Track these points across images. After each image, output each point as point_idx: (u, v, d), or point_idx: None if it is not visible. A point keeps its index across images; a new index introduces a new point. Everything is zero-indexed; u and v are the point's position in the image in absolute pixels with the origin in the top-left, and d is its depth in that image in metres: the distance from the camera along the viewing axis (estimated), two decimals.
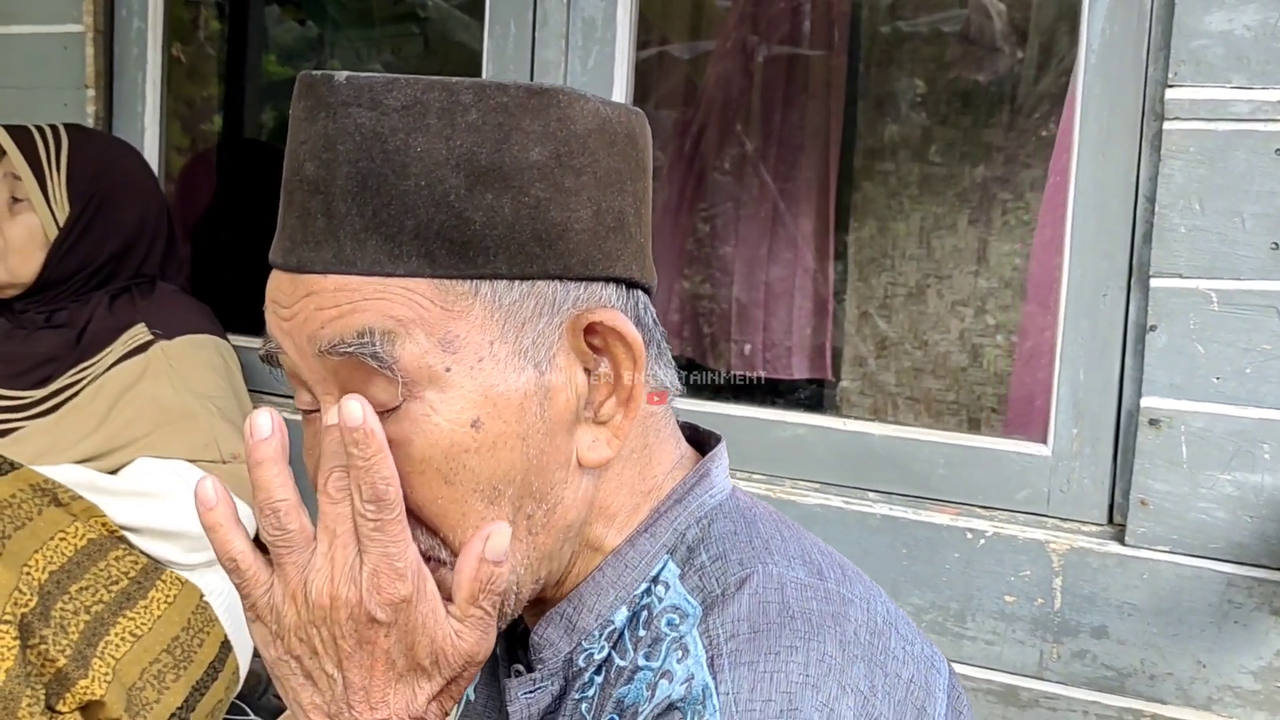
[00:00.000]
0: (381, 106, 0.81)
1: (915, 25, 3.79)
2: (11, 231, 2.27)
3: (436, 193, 0.81)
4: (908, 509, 1.97)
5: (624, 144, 0.87)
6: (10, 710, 1.82)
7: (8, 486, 1.94)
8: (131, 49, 2.59)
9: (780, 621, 0.81)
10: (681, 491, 0.91)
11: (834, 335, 3.61)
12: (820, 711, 0.77)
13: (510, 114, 0.82)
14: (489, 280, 0.82)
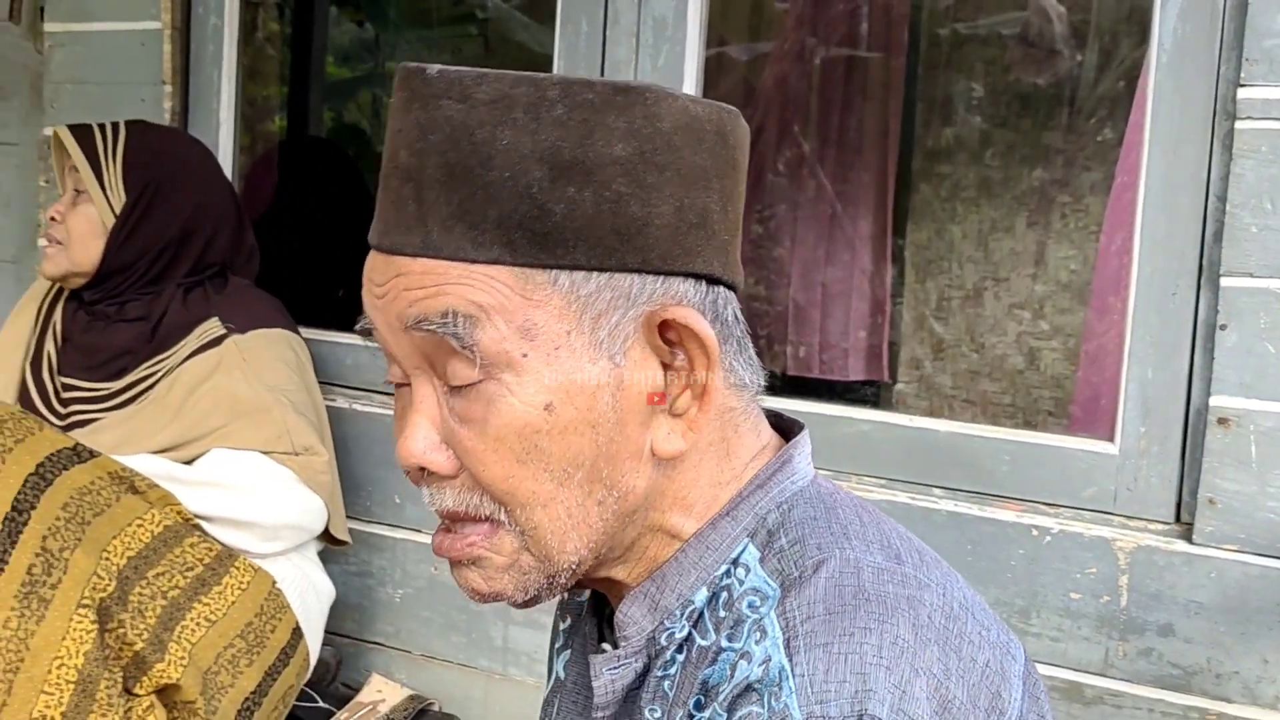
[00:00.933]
0: (471, 100, 0.84)
1: (974, 28, 3.79)
2: (73, 222, 2.32)
3: (520, 184, 0.83)
4: (972, 505, 1.98)
5: (713, 141, 0.89)
6: (89, 692, 1.86)
7: (87, 474, 1.98)
8: (208, 46, 2.63)
9: (855, 604, 0.83)
10: (764, 477, 0.92)
11: (890, 337, 3.62)
12: (893, 692, 0.78)
13: (595, 110, 0.84)
14: (568, 270, 0.84)
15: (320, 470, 2.24)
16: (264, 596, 2.11)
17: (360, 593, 2.49)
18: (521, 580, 0.90)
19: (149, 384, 2.29)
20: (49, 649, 1.85)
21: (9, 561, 1.86)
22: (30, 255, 2.91)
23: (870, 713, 0.78)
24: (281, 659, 2.12)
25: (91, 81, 2.71)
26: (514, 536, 0.88)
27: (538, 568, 0.89)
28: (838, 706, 0.78)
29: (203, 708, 1.99)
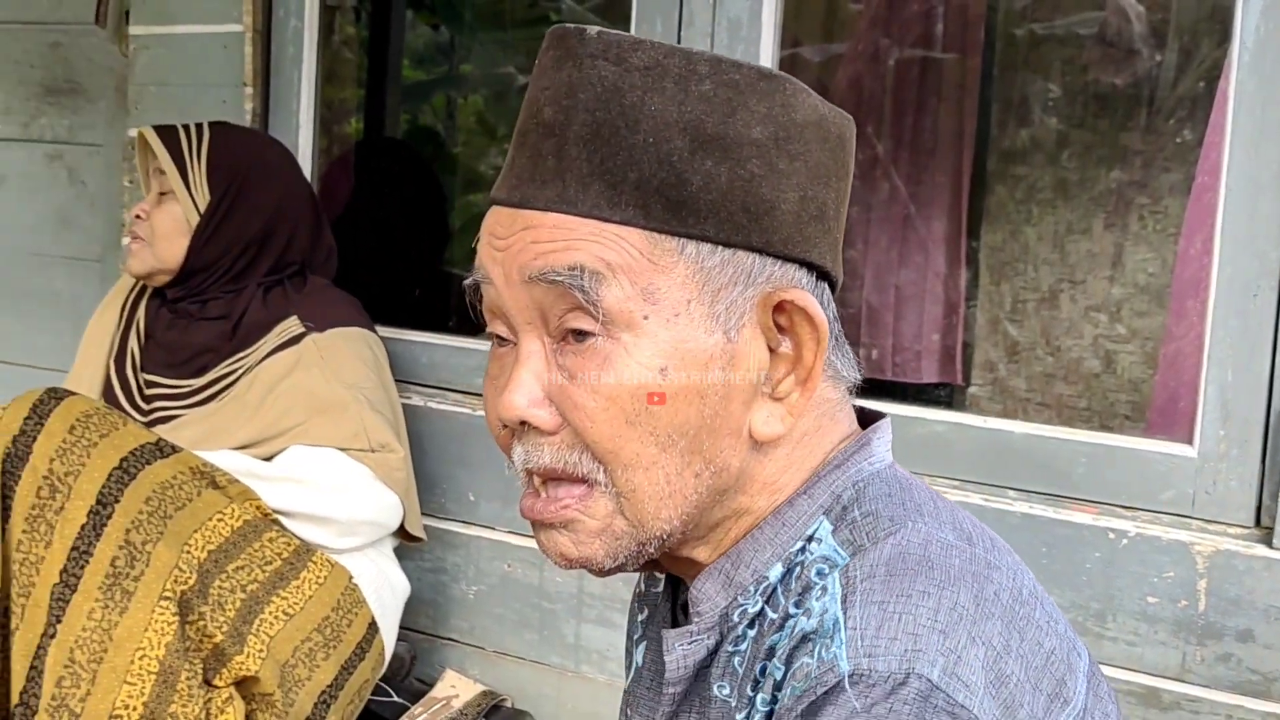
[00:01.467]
0: (626, 63, 0.87)
1: (1051, 28, 3.75)
2: (158, 220, 2.36)
3: (662, 151, 0.86)
4: (1047, 507, 1.96)
5: (835, 143, 0.92)
6: (170, 684, 1.89)
7: (169, 469, 2.01)
8: (288, 48, 2.67)
9: (917, 569, 0.83)
10: (841, 458, 0.93)
11: (964, 339, 3.59)
12: (946, 656, 0.79)
13: (740, 90, 0.87)
14: (695, 241, 0.87)
15: (396, 467, 2.27)
16: (341, 591, 2.14)
17: (434, 589, 2.52)
18: (613, 546, 0.91)
19: (230, 381, 2.32)
20: (131, 640, 1.88)
21: (93, 554, 1.90)
22: (115, 254, 2.96)
23: (919, 672, 0.78)
24: (357, 653, 2.15)
25: (174, 83, 2.76)
26: (609, 499, 0.89)
27: (630, 534, 0.90)
28: (885, 662, 0.79)
29: (280, 700, 2.02)
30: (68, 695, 1.86)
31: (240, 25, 2.66)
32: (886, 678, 0.78)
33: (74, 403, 2.00)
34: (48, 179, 3.16)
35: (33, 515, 1.92)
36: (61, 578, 1.89)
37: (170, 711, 1.89)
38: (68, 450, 1.95)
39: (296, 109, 2.67)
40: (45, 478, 1.93)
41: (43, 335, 3.15)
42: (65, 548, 1.90)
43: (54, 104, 3.13)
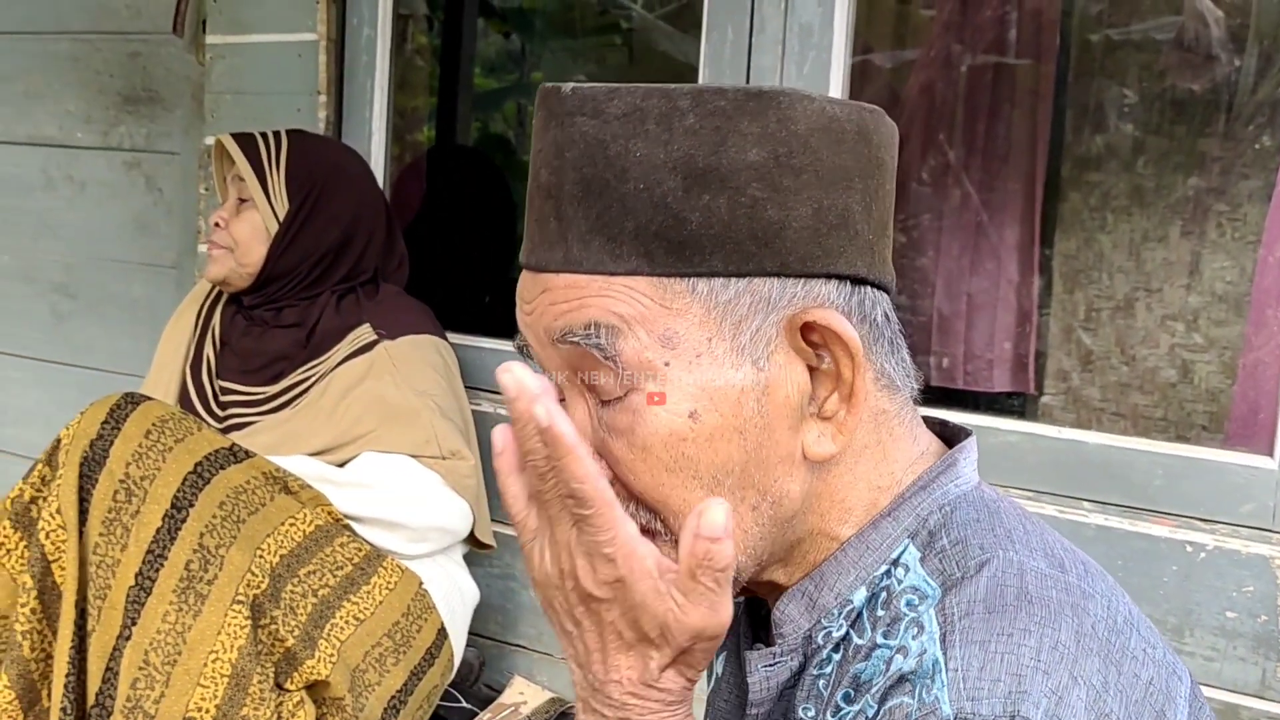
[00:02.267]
0: (603, 115, 0.85)
1: (1127, 33, 3.71)
2: (237, 228, 2.39)
3: (655, 195, 0.84)
4: (1123, 519, 1.94)
5: (853, 141, 0.88)
6: (242, 687, 1.91)
7: (242, 474, 2.03)
8: (361, 56, 2.69)
9: (1016, 605, 0.81)
10: (927, 479, 0.91)
11: (1037, 348, 3.56)
12: (1049, 698, 0.77)
13: (728, 117, 0.84)
14: (705, 278, 0.85)
15: (466, 475, 2.28)
16: (411, 597, 2.15)
17: (504, 595, 2.52)
18: None
19: (303, 388, 2.34)
20: (205, 643, 1.90)
21: (168, 557, 1.92)
22: (191, 260, 3.00)
23: (1023, 714, 0.76)
24: (427, 659, 2.15)
25: (249, 92, 2.79)
26: (672, 547, 0.87)
27: None
28: (989, 705, 0.77)
29: (350, 705, 2.03)
30: (142, 697, 1.88)
31: (314, 34, 2.68)
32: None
33: (150, 407, 2.02)
34: (126, 186, 3.20)
35: (109, 518, 1.94)
36: (137, 580, 1.91)
37: (242, 714, 1.91)
38: (144, 454, 1.97)
39: (369, 116, 2.69)
40: (122, 481, 1.95)
41: (121, 341, 3.20)
42: (141, 551, 1.92)
43: (132, 112, 3.17)
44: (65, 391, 3.11)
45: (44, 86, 3.32)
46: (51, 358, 3.35)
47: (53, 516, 1.95)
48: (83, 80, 3.25)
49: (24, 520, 2.00)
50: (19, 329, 3.40)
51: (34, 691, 1.95)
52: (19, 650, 1.93)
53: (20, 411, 3.37)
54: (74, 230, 3.31)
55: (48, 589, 1.96)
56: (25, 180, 3.37)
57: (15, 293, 3.41)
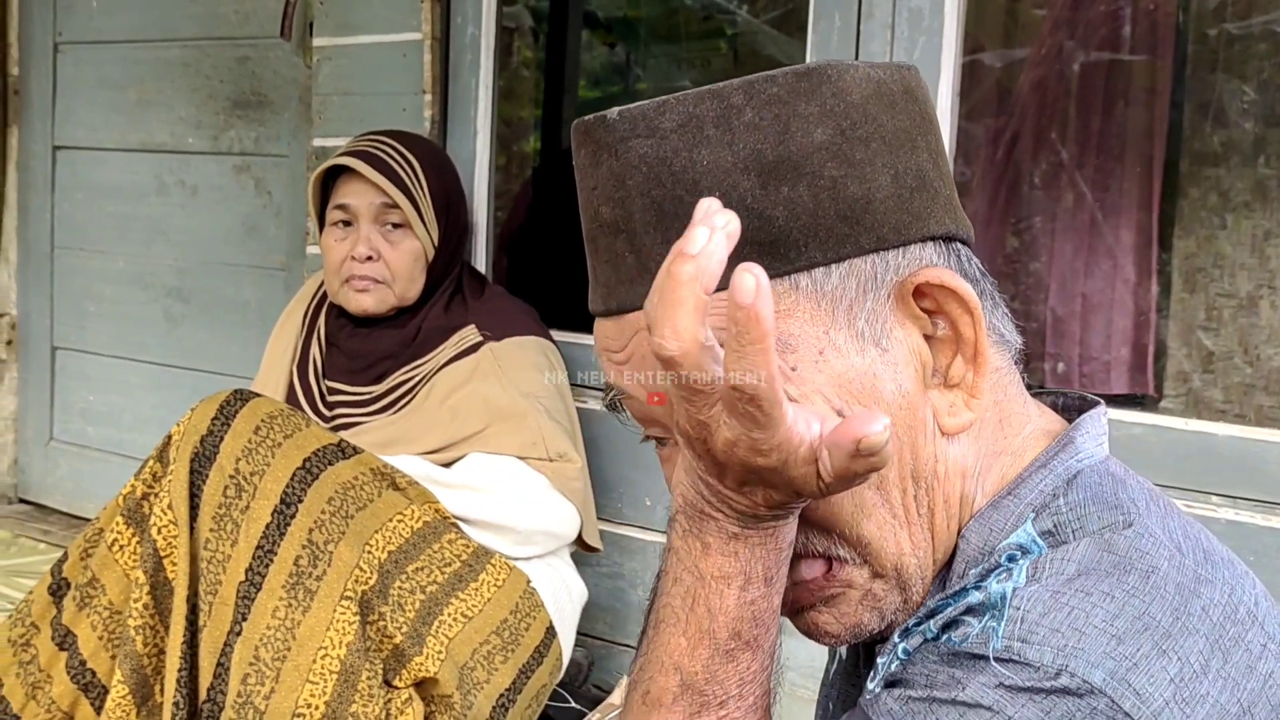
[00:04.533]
0: (659, 132, 0.81)
1: (1246, 27, 3.61)
2: (395, 258, 2.36)
3: (733, 199, 0.79)
4: (1255, 514, 1.87)
5: (904, 101, 0.85)
6: (351, 683, 1.90)
7: (350, 470, 2.04)
8: (466, 55, 2.69)
9: (1111, 571, 0.77)
10: (1046, 457, 0.86)
11: (1156, 349, 3.48)
12: (1116, 661, 0.73)
13: (784, 103, 0.81)
14: (806, 272, 0.81)
15: (573, 477, 2.26)
16: (519, 595, 2.13)
17: (612, 595, 2.50)
18: (878, 607, 0.86)
19: (408, 388, 2.34)
20: (314, 639, 1.90)
21: (278, 553, 1.93)
22: (299, 262, 3.02)
23: (1073, 670, 0.73)
24: (535, 657, 2.14)
25: (356, 93, 2.80)
26: (855, 566, 0.84)
27: (891, 588, 0.85)
28: (1038, 652, 0.74)
29: (459, 702, 2.02)
30: (253, 692, 1.89)
31: (419, 34, 2.69)
32: (1037, 668, 0.73)
33: (259, 404, 2.03)
34: (236, 189, 3.24)
35: (220, 514, 1.95)
36: (247, 576, 1.92)
37: (351, 711, 1.90)
38: (253, 450, 1.98)
39: (474, 115, 2.69)
40: (232, 477, 1.96)
41: (231, 343, 3.23)
42: (251, 546, 1.93)
43: (242, 116, 3.21)
44: (179, 395, 3.15)
45: (156, 93, 3.38)
46: (165, 361, 3.40)
47: (164, 512, 1.97)
48: (193, 86, 3.30)
49: (136, 516, 2.02)
50: (135, 333, 3.46)
51: (147, 686, 1.97)
52: (132, 645, 1.95)
53: (136, 415, 3.43)
54: (186, 234, 3.36)
55: (160, 584, 1.97)
56: (139, 186, 3.43)
57: (131, 297, 3.47)
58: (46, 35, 3.57)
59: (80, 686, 2.01)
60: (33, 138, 3.62)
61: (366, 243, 2.34)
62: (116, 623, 2.01)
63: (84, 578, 2.03)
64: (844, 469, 0.72)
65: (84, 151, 3.54)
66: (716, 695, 0.79)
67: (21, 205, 3.65)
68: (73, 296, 3.58)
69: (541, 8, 4.69)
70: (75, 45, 3.53)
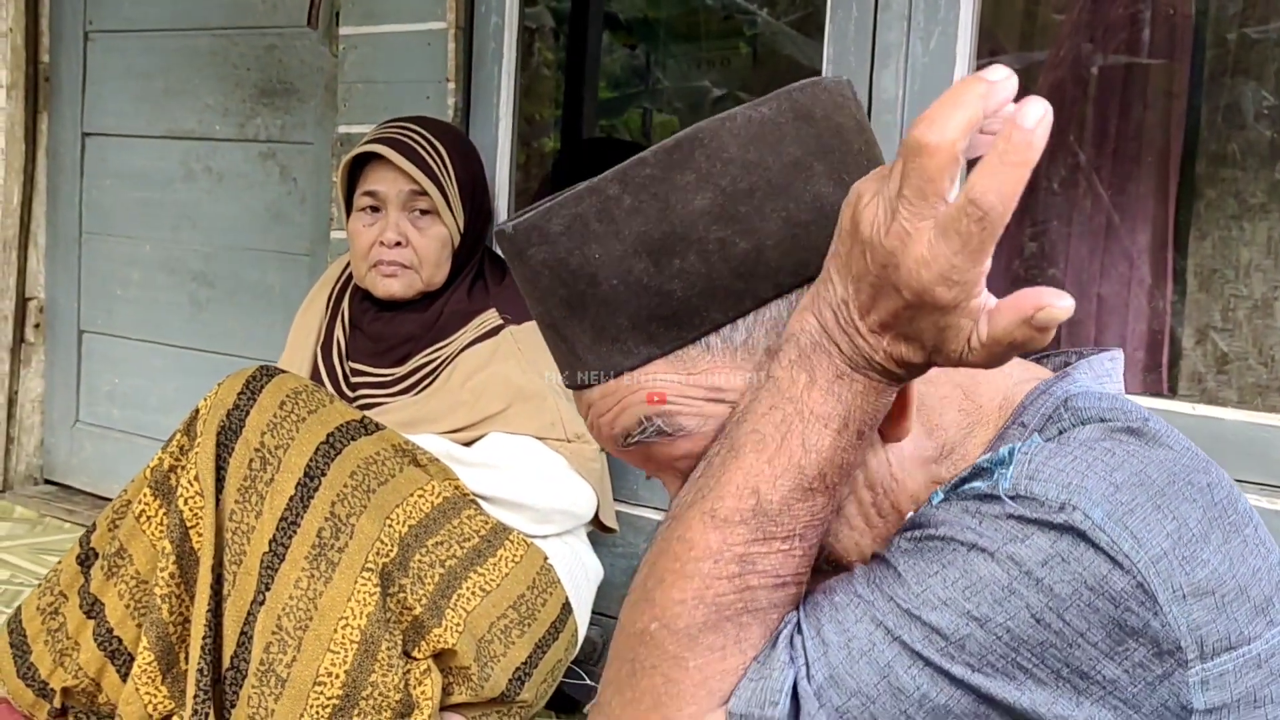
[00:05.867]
0: (549, 237, 0.87)
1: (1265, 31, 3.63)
2: (423, 244, 2.39)
3: (631, 284, 0.85)
4: (1261, 497, 1.89)
5: (796, 129, 0.86)
6: (371, 653, 1.94)
7: (372, 445, 2.07)
8: (489, 44, 2.72)
9: (1111, 441, 0.81)
10: (1045, 385, 0.91)
11: (1170, 350, 3.49)
12: (1115, 505, 0.77)
13: (660, 180, 0.84)
14: (714, 332, 0.86)
15: (590, 458, 2.29)
16: (536, 571, 2.17)
17: (628, 575, 2.52)
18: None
19: (429, 369, 2.38)
20: (335, 609, 1.93)
21: (301, 524, 1.96)
22: (323, 248, 3.06)
23: (1076, 505, 0.77)
24: (551, 633, 2.17)
25: (380, 81, 2.84)
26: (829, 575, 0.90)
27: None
28: (1044, 487, 0.78)
29: (476, 674, 2.05)
30: (275, 660, 1.92)
31: (443, 22, 2.72)
32: (1044, 502, 0.78)
33: (284, 380, 2.07)
34: (261, 176, 3.28)
35: (245, 486, 1.99)
36: (271, 547, 1.95)
37: (371, 680, 1.94)
38: (278, 425, 2.01)
39: (496, 102, 2.72)
40: (257, 450, 2.00)
41: (255, 328, 3.27)
42: (275, 518, 1.96)
43: (268, 104, 3.25)
44: (203, 378, 3.18)
45: (183, 82, 3.41)
46: (190, 345, 3.43)
47: (191, 484, 2.01)
48: (220, 74, 3.34)
49: (163, 488, 2.06)
50: (161, 317, 3.50)
51: (172, 654, 2.01)
52: (158, 614, 1.99)
53: (161, 398, 3.46)
54: (212, 220, 3.39)
55: (185, 554, 2.01)
56: (166, 173, 3.47)
57: (158, 282, 3.50)
58: (77, 24, 3.61)
59: (107, 653, 2.04)
60: (62, 124, 3.65)
61: (395, 228, 2.37)
62: (143, 592, 2.04)
63: (111, 548, 2.07)
64: (1004, 334, 0.73)
65: (112, 138, 3.58)
66: (785, 528, 0.82)
67: (51, 191, 3.68)
68: (100, 281, 3.62)
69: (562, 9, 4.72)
70: (105, 34, 3.57)
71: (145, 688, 1.99)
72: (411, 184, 2.37)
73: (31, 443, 3.74)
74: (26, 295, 3.70)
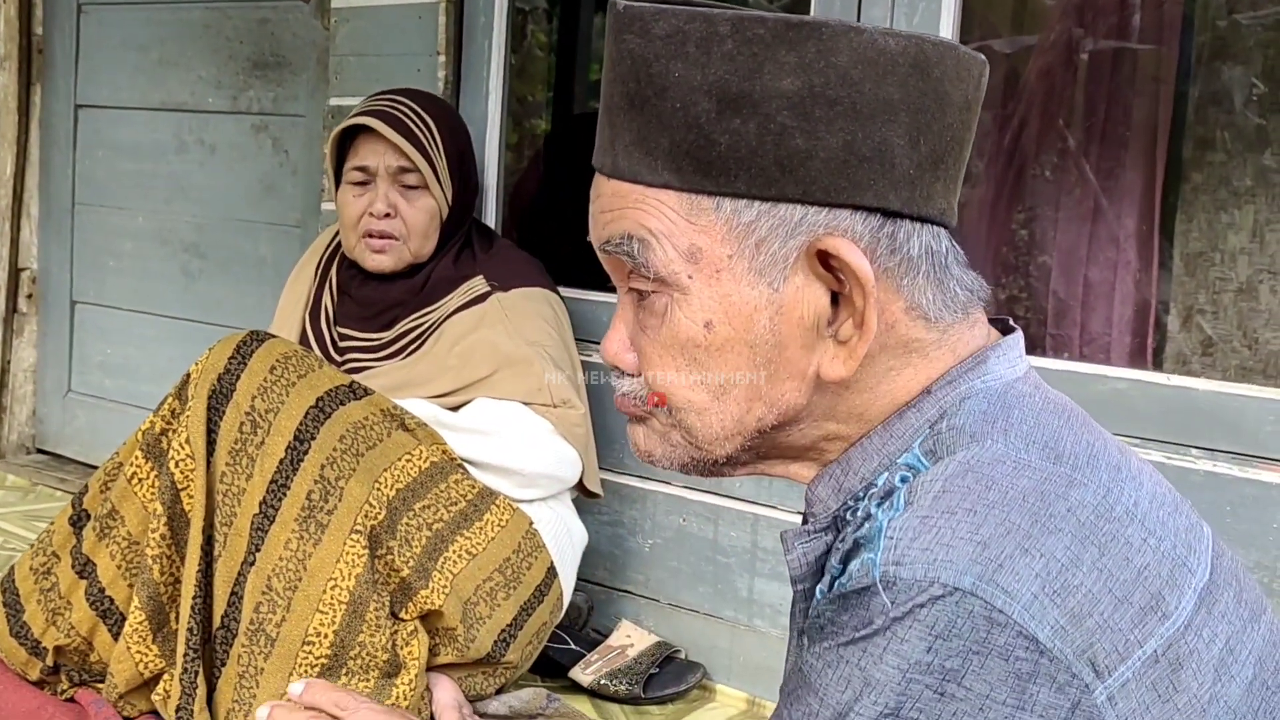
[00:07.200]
0: (649, 34, 0.89)
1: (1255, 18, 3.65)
2: (411, 216, 2.41)
3: (690, 115, 0.88)
4: (1232, 466, 1.92)
5: (905, 73, 0.88)
6: (359, 613, 1.96)
7: (361, 410, 2.09)
8: (480, 18, 2.74)
9: (974, 488, 0.84)
10: (955, 375, 0.94)
11: (1156, 332, 3.52)
12: (982, 565, 0.80)
13: (766, 45, 0.86)
14: (730, 198, 0.89)
15: (576, 423, 2.32)
16: (521, 535, 2.19)
17: (612, 541, 2.57)
18: (669, 452, 0.98)
19: (416, 334, 2.40)
20: (324, 570, 1.96)
21: (290, 487, 1.99)
22: (314, 220, 3.08)
23: (943, 580, 0.80)
24: (536, 596, 2.20)
25: (372, 54, 2.86)
26: (665, 429, 0.97)
27: (686, 449, 0.97)
28: (910, 570, 0.81)
29: (462, 635, 2.08)
30: (265, 620, 1.95)
31: None
32: (911, 584, 0.80)
33: (275, 344, 2.09)
34: (254, 149, 3.29)
35: (235, 449, 2.01)
36: (261, 509, 1.98)
37: (359, 640, 1.96)
38: (269, 389, 2.04)
39: (486, 76, 2.74)
40: (248, 414, 2.02)
41: (247, 298, 3.29)
42: (265, 481, 1.99)
43: (260, 77, 3.26)
44: (194, 348, 3.18)
45: (177, 54, 3.42)
46: (182, 315, 3.45)
47: (182, 446, 2.03)
48: (214, 47, 3.35)
49: (155, 451, 2.08)
50: (153, 288, 3.51)
51: (163, 614, 2.03)
52: (149, 574, 2.01)
53: (153, 368, 3.48)
54: (204, 192, 3.40)
55: (177, 516, 2.03)
56: (160, 144, 3.48)
57: (151, 253, 3.52)
58: None
59: (99, 613, 2.06)
60: (56, 96, 3.67)
61: (385, 200, 2.39)
62: (134, 552, 2.06)
63: (103, 509, 2.09)
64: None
65: (106, 110, 3.59)
66: None
67: (44, 162, 3.70)
68: (92, 252, 3.63)
69: None
70: (98, 6, 3.59)
71: (136, 647, 2.01)
72: (401, 157, 2.39)
73: (24, 412, 3.77)
74: (19, 266, 3.71)
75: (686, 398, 0.94)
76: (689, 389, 0.93)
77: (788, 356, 0.92)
